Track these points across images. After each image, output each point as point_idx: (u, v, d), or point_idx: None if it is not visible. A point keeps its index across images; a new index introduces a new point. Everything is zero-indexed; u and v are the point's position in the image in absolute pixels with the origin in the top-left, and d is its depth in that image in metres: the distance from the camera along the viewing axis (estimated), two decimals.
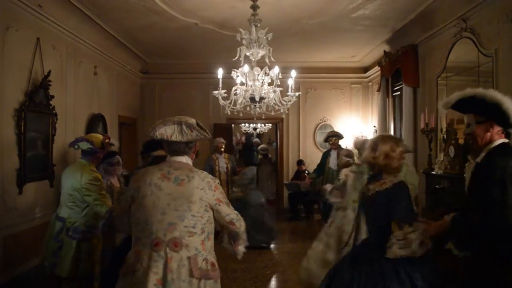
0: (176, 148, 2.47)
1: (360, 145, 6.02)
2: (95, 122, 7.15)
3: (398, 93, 7.99)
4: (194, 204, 2.33)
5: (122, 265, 2.44)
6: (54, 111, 5.62)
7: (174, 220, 2.31)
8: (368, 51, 8.78)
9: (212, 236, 2.48)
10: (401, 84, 7.49)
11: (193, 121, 2.48)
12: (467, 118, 2.60)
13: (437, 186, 5.67)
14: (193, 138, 2.45)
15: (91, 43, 6.92)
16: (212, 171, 7.08)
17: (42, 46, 5.41)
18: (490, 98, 2.44)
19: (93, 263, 3.85)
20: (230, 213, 2.50)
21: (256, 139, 14.68)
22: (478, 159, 2.54)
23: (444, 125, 5.96)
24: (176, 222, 2.31)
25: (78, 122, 6.59)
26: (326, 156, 8.00)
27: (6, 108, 4.75)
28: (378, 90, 8.71)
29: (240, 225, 2.57)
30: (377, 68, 8.91)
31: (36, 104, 5.19)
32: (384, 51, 7.95)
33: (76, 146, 3.91)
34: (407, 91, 7.17)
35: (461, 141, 5.42)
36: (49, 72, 5.40)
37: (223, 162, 7.44)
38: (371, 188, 2.88)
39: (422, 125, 6.20)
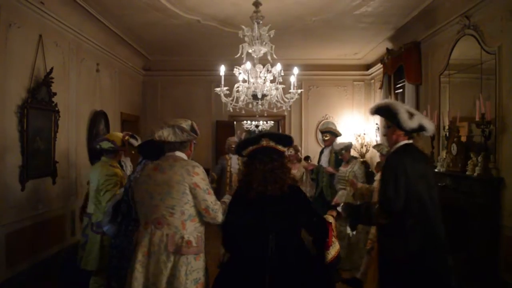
0: (171, 147, 2.91)
1: (339, 148, 6.18)
2: (97, 119, 7.16)
3: (401, 90, 7.97)
4: (172, 188, 2.71)
5: None
6: (57, 108, 5.63)
7: (157, 203, 2.73)
8: (371, 48, 8.76)
9: (197, 219, 2.79)
10: (404, 81, 7.47)
11: (188, 123, 2.91)
12: (383, 122, 3.25)
13: (439, 184, 5.66)
14: (184, 139, 2.88)
15: (93, 40, 6.93)
16: (223, 171, 6.88)
17: (45, 43, 5.42)
18: (392, 108, 3.07)
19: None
20: (206, 199, 2.76)
21: None
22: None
23: (446, 123, 5.94)
24: (159, 204, 2.73)
25: (80, 119, 6.60)
26: (321, 153, 7.75)
27: (9, 105, 4.76)
28: (381, 88, 8.68)
29: (215, 215, 2.78)
30: (379, 65, 8.88)
31: (39, 101, 5.20)
32: (387, 49, 7.93)
33: (98, 146, 4.15)
34: (409, 88, 7.15)
35: (463, 139, 5.41)
36: (52, 69, 5.41)
37: (235, 162, 6.90)
38: None
39: None
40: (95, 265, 3.92)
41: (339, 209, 3.27)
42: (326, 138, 6.90)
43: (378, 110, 3.22)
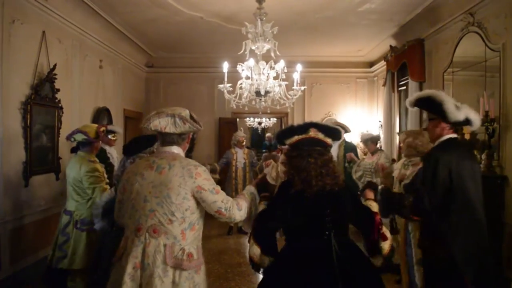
0: (169, 139, 2.54)
1: (365, 138, 6.18)
2: (101, 115, 7.17)
3: (404, 88, 7.95)
4: (172, 191, 2.36)
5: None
6: (60, 105, 5.64)
7: (154, 207, 2.37)
8: (374, 45, 8.74)
9: (197, 227, 2.48)
10: (407, 78, 7.45)
11: (186, 112, 2.54)
12: (425, 114, 3.08)
13: None
14: (186, 130, 2.51)
15: (96, 37, 6.93)
16: (228, 165, 7.00)
17: (48, 39, 5.42)
18: (437, 98, 2.82)
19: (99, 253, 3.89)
20: (216, 200, 2.45)
21: (269, 134, 14.62)
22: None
23: None
24: (156, 208, 2.37)
25: (83, 116, 6.61)
26: None
27: (12, 101, 4.77)
28: (384, 85, 8.67)
29: (230, 214, 2.50)
30: (383, 62, 8.86)
31: (42, 98, 5.21)
32: (390, 46, 7.90)
33: (72, 139, 3.92)
34: (413, 86, 7.13)
35: (467, 136, 5.39)
36: (55, 65, 5.41)
37: (241, 157, 7.20)
38: None
39: None
40: (81, 264, 3.75)
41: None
42: None
43: (418, 102, 3.00)
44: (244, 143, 7.34)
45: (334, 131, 2.69)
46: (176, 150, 2.57)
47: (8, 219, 4.69)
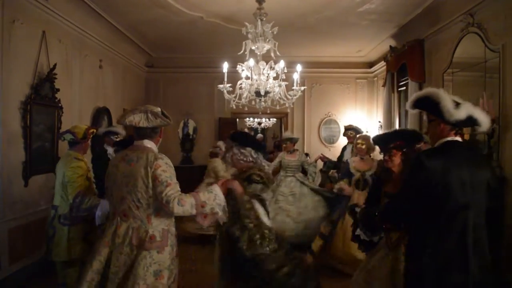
0: (142, 133, 2.86)
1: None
2: (100, 115, 7.18)
3: (404, 88, 7.95)
4: (138, 181, 2.67)
5: None
6: (60, 104, 5.64)
7: (124, 195, 2.72)
8: (374, 46, 8.75)
9: (162, 213, 2.72)
10: (407, 79, 7.45)
11: (158, 109, 2.85)
12: (425, 116, 2.76)
13: None
14: (157, 124, 2.82)
15: (96, 37, 6.93)
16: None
17: (48, 39, 5.42)
18: (434, 97, 2.53)
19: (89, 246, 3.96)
20: (162, 191, 2.61)
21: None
22: None
23: None
24: (126, 196, 2.71)
25: (83, 115, 6.61)
26: (343, 149, 7.87)
27: (12, 101, 4.77)
28: (384, 85, 8.67)
29: (170, 207, 2.58)
30: (382, 63, 8.86)
31: (42, 97, 5.21)
32: (390, 46, 7.91)
33: (62, 138, 4.09)
34: (412, 86, 7.13)
35: (466, 137, 5.39)
36: (55, 65, 5.41)
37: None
38: None
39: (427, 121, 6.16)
40: (64, 256, 3.87)
41: (357, 209, 3.22)
42: (352, 135, 7.09)
43: (417, 102, 2.69)
44: None
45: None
46: (148, 143, 2.86)
47: (8, 219, 4.69)
